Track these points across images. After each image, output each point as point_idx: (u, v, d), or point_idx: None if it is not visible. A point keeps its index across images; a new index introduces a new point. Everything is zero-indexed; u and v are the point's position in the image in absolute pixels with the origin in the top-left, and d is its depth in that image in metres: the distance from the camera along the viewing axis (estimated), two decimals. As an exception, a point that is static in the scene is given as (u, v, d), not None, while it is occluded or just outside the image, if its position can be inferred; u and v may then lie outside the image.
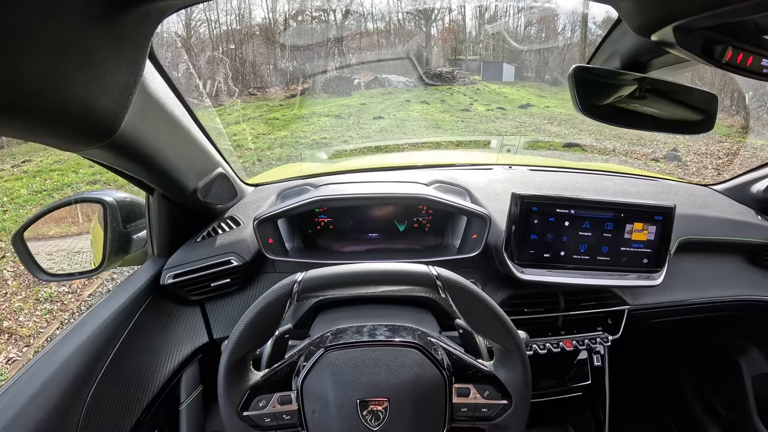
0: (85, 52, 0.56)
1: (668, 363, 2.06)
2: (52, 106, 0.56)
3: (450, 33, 26.76)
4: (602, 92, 0.90)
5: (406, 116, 13.69)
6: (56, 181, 8.52)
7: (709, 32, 0.65)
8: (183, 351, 1.26)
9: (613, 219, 1.25)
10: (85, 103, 0.61)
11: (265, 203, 1.52)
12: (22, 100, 0.52)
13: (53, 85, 0.54)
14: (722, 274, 1.58)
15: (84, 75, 0.58)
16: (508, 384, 0.86)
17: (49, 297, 4.70)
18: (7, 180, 8.68)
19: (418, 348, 0.87)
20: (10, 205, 7.39)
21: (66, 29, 0.53)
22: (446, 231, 1.52)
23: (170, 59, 8.67)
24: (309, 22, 23.54)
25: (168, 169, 1.11)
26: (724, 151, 9.00)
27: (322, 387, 0.84)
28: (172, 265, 1.28)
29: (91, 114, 0.64)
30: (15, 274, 5.15)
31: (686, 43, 0.66)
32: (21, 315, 4.46)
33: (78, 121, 0.63)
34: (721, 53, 0.65)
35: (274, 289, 0.83)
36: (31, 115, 0.55)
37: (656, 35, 0.68)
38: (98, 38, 0.58)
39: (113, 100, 0.67)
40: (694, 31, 0.65)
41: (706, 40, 0.66)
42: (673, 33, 0.65)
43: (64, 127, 0.63)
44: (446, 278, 0.83)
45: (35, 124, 0.58)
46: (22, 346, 4.04)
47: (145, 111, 0.91)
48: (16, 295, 4.78)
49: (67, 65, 0.55)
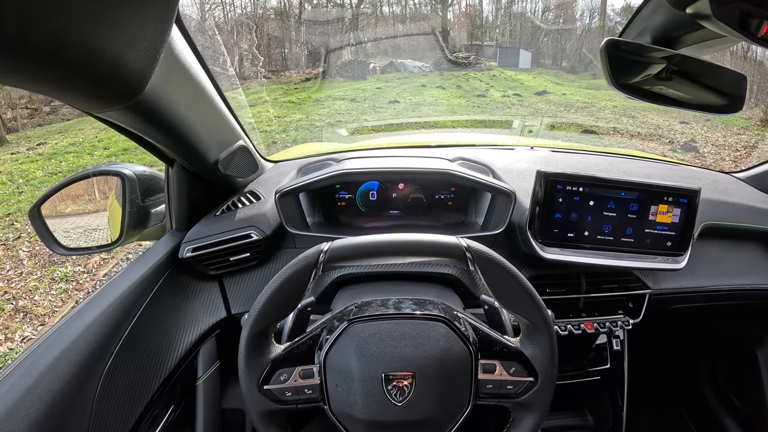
0: (115, 3, 0.54)
1: (685, 352, 2.04)
2: (79, 58, 0.55)
3: (466, 18, 26.50)
4: (633, 68, 0.90)
5: (421, 101, 13.62)
6: (71, 163, 8.62)
7: (745, 5, 0.64)
8: (201, 326, 1.26)
9: (638, 200, 1.23)
10: (114, 57, 0.59)
11: (285, 178, 1.51)
12: (49, 51, 0.50)
13: (81, 37, 0.52)
14: (744, 262, 1.56)
15: (113, 28, 0.56)
16: (535, 361, 0.85)
17: (64, 276, 4.76)
18: (22, 162, 8.79)
19: (445, 321, 0.85)
20: (26, 186, 7.50)
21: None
22: (469, 208, 1.51)
23: (200, 29, 8.63)
24: (324, 5, 23.40)
25: (190, 137, 1.10)
26: (742, 143, 8.88)
27: (346, 360, 0.83)
28: (190, 239, 1.27)
29: (118, 70, 0.62)
30: (31, 254, 5.23)
31: (722, 16, 0.65)
32: (36, 294, 4.51)
33: (105, 77, 0.61)
34: (757, 27, 0.64)
35: (299, 259, 0.82)
36: (58, 68, 0.54)
37: (692, 8, 0.67)
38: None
39: (141, 57, 0.65)
40: (730, 3, 0.64)
41: (743, 13, 0.65)
42: (710, 4, 0.64)
43: (92, 82, 0.61)
44: (476, 250, 0.82)
45: (61, 78, 0.57)
46: (37, 324, 4.09)
47: (170, 74, 0.90)
48: (31, 275, 4.84)
49: (96, 16, 0.53)
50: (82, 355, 0.92)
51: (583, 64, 20.56)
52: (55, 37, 0.49)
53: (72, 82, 0.59)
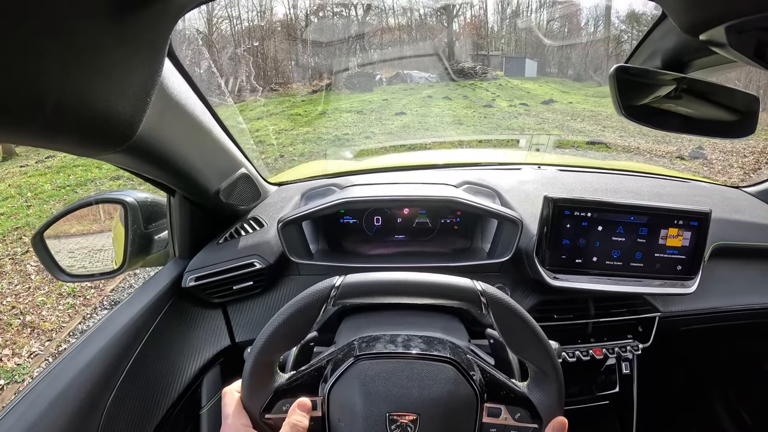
0: (98, 54, 0.53)
1: (696, 372, 2.01)
2: (63, 111, 0.54)
3: (472, 28, 26.65)
4: (642, 93, 0.87)
5: (428, 112, 13.69)
6: (80, 176, 8.68)
7: (764, 33, 0.61)
8: (204, 354, 1.25)
9: (648, 224, 1.20)
10: (100, 108, 0.58)
11: (289, 204, 1.50)
12: (32, 106, 0.49)
13: (64, 90, 0.52)
14: (756, 282, 1.53)
15: (97, 79, 0.55)
16: (541, 407, 0.82)
17: (71, 292, 4.77)
18: (31, 176, 8.87)
19: (453, 364, 0.83)
20: (35, 200, 7.55)
21: (76, 31, 0.50)
22: (476, 233, 1.49)
23: (192, 57, 8.73)
24: (330, 17, 23.63)
25: (189, 171, 1.09)
26: (750, 149, 8.84)
27: (350, 397, 0.81)
28: (193, 268, 1.27)
29: (106, 119, 0.61)
30: (38, 268, 5.24)
31: (738, 45, 0.62)
32: (44, 309, 4.53)
33: (92, 127, 0.61)
34: (775, 55, 0.62)
35: (310, 292, 0.80)
36: (42, 121, 0.53)
37: (705, 35, 0.65)
38: (111, 40, 0.55)
39: (130, 103, 0.64)
40: (747, 31, 0.61)
41: (760, 42, 0.62)
42: (725, 33, 0.61)
43: (78, 133, 0.60)
44: (491, 295, 0.80)
45: (47, 131, 0.56)
46: (45, 340, 4.10)
47: (164, 113, 0.89)
48: (39, 290, 4.86)
49: (79, 69, 0.52)
50: (85, 390, 0.92)
51: (588, 71, 20.58)
52: (35, 96, 0.48)
53: (58, 135, 0.58)
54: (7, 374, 3.60)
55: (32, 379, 0.94)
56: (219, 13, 21.48)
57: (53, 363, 0.96)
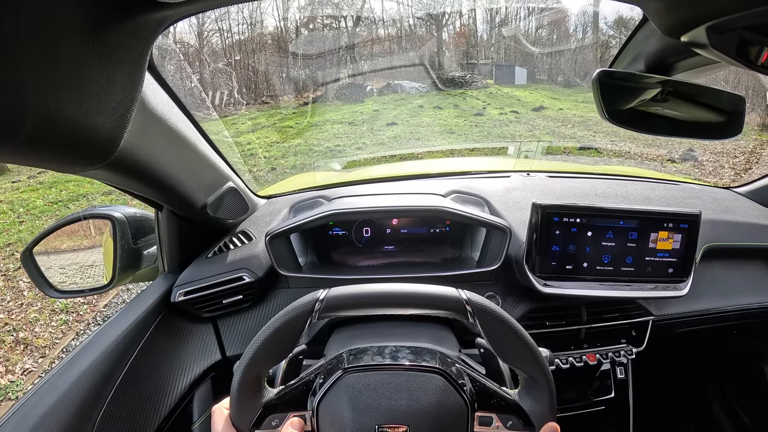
0: (76, 70, 0.53)
1: (692, 373, 2.01)
2: (43, 128, 0.54)
3: (461, 37, 26.83)
4: (626, 96, 0.87)
5: (419, 122, 13.71)
6: (72, 191, 8.66)
7: (744, 32, 0.61)
8: (195, 369, 1.24)
9: (637, 228, 1.20)
10: (80, 124, 0.58)
11: (277, 217, 1.50)
12: (11, 123, 0.49)
13: (42, 107, 0.51)
14: (749, 282, 1.54)
15: (76, 95, 0.55)
16: (533, 414, 0.82)
17: (64, 308, 4.74)
18: (23, 191, 8.84)
19: (442, 373, 0.83)
20: (27, 216, 7.51)
21: (53, 47, 0.50)
22: (465, 243, 1.48)
23: (179, 71, 8.74)
24: (320, 29, 23.71)
25: (174, 185, 1.09)
26: (740, 149, 8.90)
27: (339, 410, 0.80)
28: (182, 282, 1.26)
29: (86, 135, 0.60)
30: (31, 285, 5.18)
31: (719, 45, 0.62)
32: (37, 326, 4.49)
33: (72, 144, 0.60)
34: (757, 54, 0.61)
35: (294, 306, 0.80)
36: (23, 138, 0.52)
37: (687, 36, 0.65)
38: (89, 56, 0.55)
39: (109, 119, 0.64)
40: (728, 31, 0.61)
41: (741, 41, 0.62)
42: (706, 34, 0.61)
43: (59, 149, 0.59)
44: (476, 303, 0.80)
45: (27, 148, 0.55)
46: (38, 356, 4.06)
47: (146, 127, 0.88)
48: (31, 306, 4.82)
49: (57, 85, 0.52)
50: (74, 406, 0.92)
51: (578, 77, 20.72)
52: (13, 113, 0.48)
53: (36, 149, 0.57)
54: (1, 391, 3.57)
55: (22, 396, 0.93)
56: (209, 26, 21.52)
57: (41, 380, 0.95)
